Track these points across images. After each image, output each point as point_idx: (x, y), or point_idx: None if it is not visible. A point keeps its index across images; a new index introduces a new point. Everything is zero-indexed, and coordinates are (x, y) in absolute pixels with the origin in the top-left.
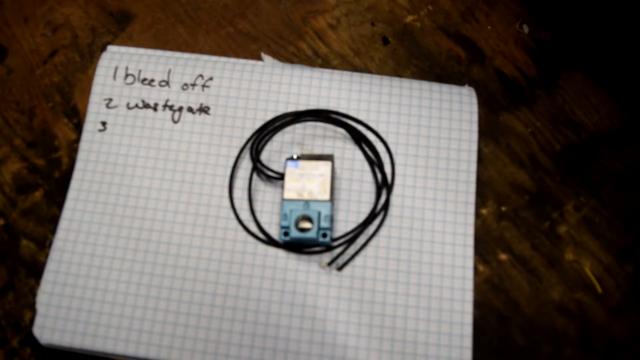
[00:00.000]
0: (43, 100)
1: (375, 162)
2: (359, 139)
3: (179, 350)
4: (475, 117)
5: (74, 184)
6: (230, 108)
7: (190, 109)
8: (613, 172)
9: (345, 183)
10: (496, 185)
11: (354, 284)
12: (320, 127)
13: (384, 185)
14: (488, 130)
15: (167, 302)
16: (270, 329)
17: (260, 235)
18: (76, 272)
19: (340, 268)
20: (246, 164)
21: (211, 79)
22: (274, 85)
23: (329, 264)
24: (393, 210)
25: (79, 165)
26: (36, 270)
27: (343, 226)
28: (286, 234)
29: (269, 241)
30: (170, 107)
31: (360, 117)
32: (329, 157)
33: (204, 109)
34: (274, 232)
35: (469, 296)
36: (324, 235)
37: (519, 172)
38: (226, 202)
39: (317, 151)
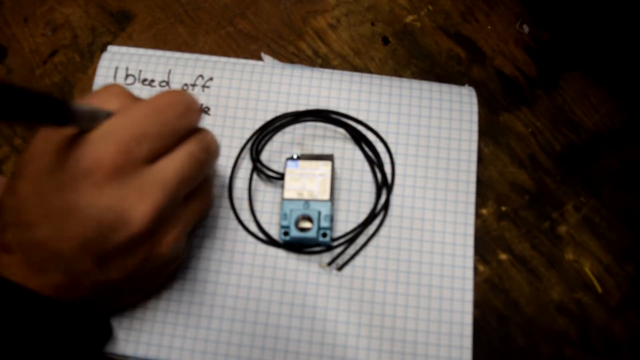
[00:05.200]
0: None
1: (375, 162)
2: (359, 139)
3: (179, 350)
4: (475, 117)
5: None
6: (230, 108)
7: None
8: (613, 172)
9: (345, 183)
10: (496, 185)
11: (354, 284)
12: (320, 127)
13: (384, 185)
14: (488, 130)
15: (167, 302)
16: (270, 329)
17: (260, 235)
18: None
19: (340, 268)
20: (246, 164)
21: (211, 79)
22: (274, 85)
23: (329, 264)
24: (393, 210)
25: None
26: None
27: (343, 226)
28: (286, 233)
29: (269, 241)
30: None
31: (360, 117)
32: (329, 157)
33: (204, 110)
34: (274, 232)
35: (469, 296)
36: (324, 235)
37: (519, 172)
38: (226, 202)
39: (317, 151)
